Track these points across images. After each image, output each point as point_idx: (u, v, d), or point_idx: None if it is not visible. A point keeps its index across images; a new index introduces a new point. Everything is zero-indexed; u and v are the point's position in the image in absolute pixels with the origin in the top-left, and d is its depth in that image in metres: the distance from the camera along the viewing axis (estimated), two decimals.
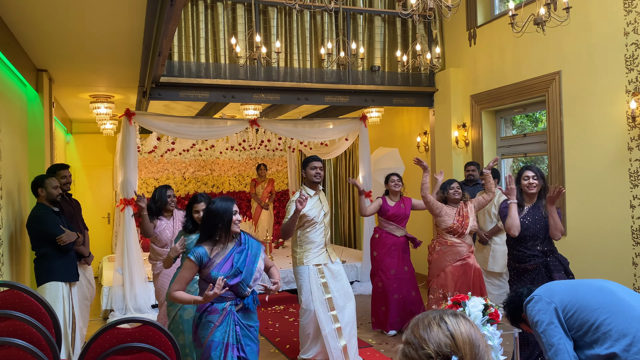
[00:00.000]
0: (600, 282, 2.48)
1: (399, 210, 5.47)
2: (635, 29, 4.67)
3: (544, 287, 2.57)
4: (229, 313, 3.03)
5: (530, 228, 3.87)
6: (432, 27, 7.27)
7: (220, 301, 3.03)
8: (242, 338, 3.04)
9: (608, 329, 2.21)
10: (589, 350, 2.27)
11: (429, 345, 1.14)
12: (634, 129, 4.70)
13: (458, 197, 4.74)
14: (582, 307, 2.33)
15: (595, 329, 2.25)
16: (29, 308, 2.80)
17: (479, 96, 6.63)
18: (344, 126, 7.51)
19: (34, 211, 4.24)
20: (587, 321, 2.29)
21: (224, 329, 3.01)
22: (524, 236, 3.89)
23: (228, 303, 3.04)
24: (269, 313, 6.52)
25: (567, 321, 2.35)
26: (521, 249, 3.91)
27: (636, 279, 4.68)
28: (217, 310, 3.01)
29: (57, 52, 4.91)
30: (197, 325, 3.06)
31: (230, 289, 2.99)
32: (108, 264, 7.92)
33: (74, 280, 4.42)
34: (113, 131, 8.75)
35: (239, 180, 10.58)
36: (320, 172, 4.47)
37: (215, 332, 2.99)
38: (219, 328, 3.00)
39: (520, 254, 3.92)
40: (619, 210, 4.84)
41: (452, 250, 4.70)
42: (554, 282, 2.60)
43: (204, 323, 3.02)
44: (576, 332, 2.33)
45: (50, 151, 6.05)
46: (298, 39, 6.70)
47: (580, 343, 2.33)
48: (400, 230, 5.51)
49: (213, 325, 2.99)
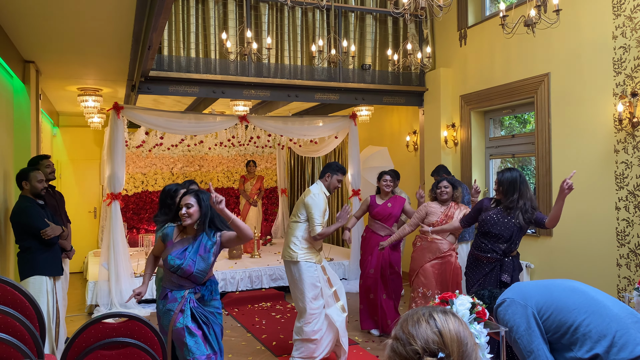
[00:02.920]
0: (570, 282, 2.45)
1: (384, 209, 5.43)
2: (624, 32, 4.72)
3: (514, 288, 2.50)
4: (187, 300, 3.11)
5: (496, 226, 3.96)
6: (423, 26, 7.29)
7: (178, 289, 3.13)
8: (204, 315, 3.15)
9: (587, 330, 2.18)
10: (568, 353, 2.23)
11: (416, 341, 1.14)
12: (621, 131, 4.76)
13: (446, 197, 4.81)
14: (559, 308, 2.29)
15: (574, 331, 2.21)
16: (13, 301, 2.76)
17: (468, 96, 6.67)
18: (333, 124, 7.52)
19: (18, 204, 4.18)
20: (565, 323, 2.25)
21: (185, 315, 3.09)
22: (488, 231, 4.00)
23: (186, 291, 3.13)
24: (255, 310, 6.50)
25: (544, 323, 2.30)
26: (485, 241, 4.04)
27: (620, 280, 4.74)
28: (175, 299, 3.12)
29: (45, 44, 4.84)
30: (160, 314, 3.19)
31: (187, 277, 3.10)
32: (94, 259, 7.84)
33: (58, 275, 4.37)
34: (101, 125, 8.67)
35: (228, 177, 10.53)
36: (339, 186, 4.63)
37: (178, 319, 3.07)
38: (181, 315, 3.08)
39: (483, 245, 4.04)
40: (604, 212, 4.90)
41: (432, 246, 4.79)
42: (522, 283, 2.54)
43: (165, 312, 3.13)
44: (553, 335, 2.28)
45: (37, 144, 5.97)
46: (289, 35, 6.68)
47: (556, 345, 2.28)
48: (386, 230, 5.43)
49: (173, 313, 3.09)
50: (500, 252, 3.98)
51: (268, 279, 7.27)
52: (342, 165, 4.60)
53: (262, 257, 8.08)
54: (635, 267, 4.61)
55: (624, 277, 4.71)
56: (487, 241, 4.01)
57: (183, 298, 3.10)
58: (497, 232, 3.95)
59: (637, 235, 4.60)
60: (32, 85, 5.59)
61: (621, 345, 2.11)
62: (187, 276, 3.10)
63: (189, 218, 3.09)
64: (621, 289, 4.72)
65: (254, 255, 8.09)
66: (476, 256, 4.11)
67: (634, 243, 4.63)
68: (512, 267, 4.01)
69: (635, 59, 4.62)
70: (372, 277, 5.41)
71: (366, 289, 5.47)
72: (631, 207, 4.66)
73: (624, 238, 4.72)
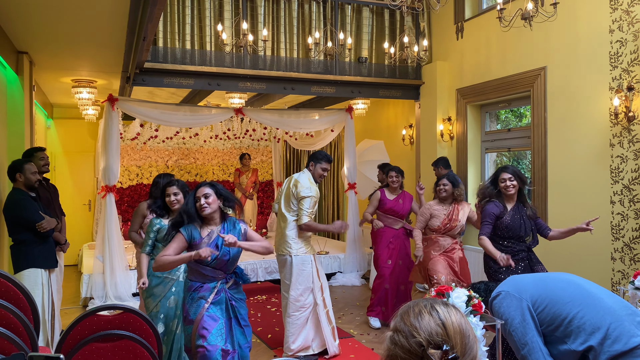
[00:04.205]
0: (565, 275, 2.46)
1: (396, 206, 5.48)
2: (621, 26, 4.72)
3: (509, 282, 2.50)
4: (220, 290, 3.17)
5: (519, 228, 3.99)
6: (420, 19, 7.27)
7: (211, 281, 3.17)
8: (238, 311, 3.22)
9: (582, 323, 2.19)
10: (562, 346, 2.23)
11: (420, 333, 1.13)
12: (616, 125, 4.76)
13: (444, 194, 4.81)
14: (553, 301, 2.29)
15: (568, 323, 2.22)
16: (6, 294, 2.74)
17: (464, 90, 6.66)
18: (329, 117, 7.50)
19: (11, 197, 4.14)
20: (559, 315, 2.25)
21: (219, 306, 3.15)
22: (509, 236, 4.02)
23: (219, 282, 3.18)
24: (251, 303, 6.50)
25: (538, 316, 2.30)
26: (509, 245, 4.04)
27: (614, 273, 4.76)
28: (208, 289, 3.16)
29: (39, 34, 4.79)
30: (188, 304, 3.18)
31: (221, 268, 3.16)
32: (88, 252, 7.81)
33: (53, 267, 4.35)
34: (95, 117, 8.61)
35: (223, 170, 10.50)
36: (326, 175, 4.61)
37: (210, 308, 3.12)
38: (213, 305, 3.13)
39: (508, 250, 4.03)
40: (599, 205, 4.91)
41: (435, 245, 4.87)
42: (518, 276, 2.54)
43: (195, 301, 3.15)
44: (547, 327, 2.29)
45: (31, 136, 5.93)
46: (285, 27, 6.63)
47: (550, 338, 2.29)
48: (399, 223, 5.52)
49: (205, 302, 3.13)
50: (526, 249, 4.06)
51: (263, 272, 7.27)
52: (327, 154, 4.59)
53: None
54: (630, 261, 4.63)
55: (618, 271, 4.73)
56: (512, 244, 4.03)
57: (215, 288, 3.16)
58: (522, 233, 4.01)
59: (632, 229, 4.62)
60: (26, 76, 5.53)
61: (615, 338, 2.12)
62: (222, 267, 3.17)
63: (208, 207, 3.16)
64: (615, 283, 4.74)
65: None
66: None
67: (628, 237, 4.65)
68: (537, 258, 4.11)
69: (632, 53, 4.62)
70: (389, 267, 5.45)
71: (383, 280, 5.48)
72: (626, 201, 4.67)
73: (618, 232, 4.74)
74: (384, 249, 5.49)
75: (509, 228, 4.00)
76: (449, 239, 4.83)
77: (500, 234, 4.06)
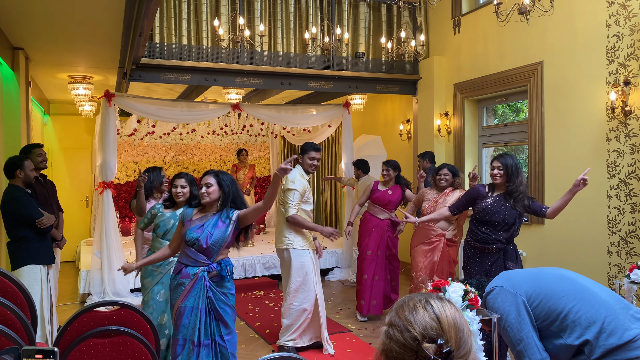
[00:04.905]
0: (558, 269, 2.45)
1: (384, 196, 5.53)
2: (617, 20, 4.72)
3: (503, 277, 2.48)
4: (200, 279, 3.14)
5: (498, 214, 3.91)
6: (417, 14, 7.26)
7: (193, 264, 3.16)
8: (215, 302, 3.16)
9: (577, 317, 2.19)
10: (558, 340, 2.23)
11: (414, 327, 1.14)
12: (613, 120, 4.77)
13: (444, 184, 4.87)
14: (548, 296, 2.28)
15: (564, 317, 2.21)
16: (4, 290, 2.75)
17: (461, 85, 6.66)
18: (327, 112, 7.49)
19: (9, 194, 4.13)
20: (555, 310, 2.24)
21: (196, 294, 3.13)
22: (489, 220, 3.95)
23: (200, 269, 3.16)
24: (249, 298, 6.51)
25: (533, 311, 2.29)
26: (486, 231, 3.96)
27: (610, 267, 4.78)
28: (188, 275, 3.15)
29: (34, 30, 4.77)
30: (171, 287, 3.23)
31: (203, 251, 3.15)
32: (86, 248, 7.81)
33: (51, 263, 4.35)
34: (92, 113, 8.58)
35: (220, 165, 10.49)
36: (317, 164, 4.57)
37: (188, 297, 3.12)
38: (191, 293, 3.12)
39: (485, 236, 3.97)
40: (596, 199, 4.93)
41: (421, 232, 4.95)
42: (512, 271, 2.53)
43: (176, 285, 3.18)
44: (542, 322, 2.28)
45: (27, 132, 5.91)
46: (282, 22, 6.62)
47: (545, 333, 2.28)
48: (385, 214, 5.56)
49: (184, 288, 3.13)
50: (503, 241, 3.95)
51: (261, 267, 7.28)
52: (313, 143, 4.60)
53: (256, 246, 8.08)
54: (626, 255, 4.65)
55: (614, 265, 4.75)
56: (489, 231, 3.94)
57: (196, 276, 3.15)
58: (499, 220, 3.90)
59: (628, 223, 4.63)
60: (22, 72, 5.52)
61: (610, 331, 2.13)
62: (203, 250, 3.16)
63: (207, 196, 3.19)
64: (612, 277, 4.76)
65: (247, 244, 8.09)
66: (478, 248, 4.03)
67: (624, 231, 4.67)
68: (515, 254, 4.02)
69: (629, 47, 4.63)
70: (369, 258, 5.51)
71: (361, 270, 5.56)
72: (622, 195, 4.69)
73: (615, 226, 4.75)
74: (365, 238, 5.55)
75: (486, 212, 3.92)
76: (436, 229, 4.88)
77: (478, 217, 4.01)
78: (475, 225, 4.05)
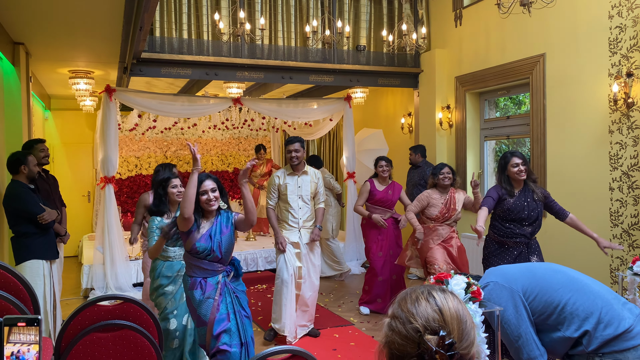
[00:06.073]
0: (549, 264, 2.45)
1: (386, 196, 5.47)
2: (620, 12, 4.69)
3: (495, 272, 2.46)
4: (223, 285, 3.14)
5: (523, 211, 4.00)
6: (418, 6, 7.22)
7: (212, 275, 3.13)
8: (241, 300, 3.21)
9: (574, 309, 2.18)
10: (555, 333, 2.22)
11: (416, 319, 1.13)
12: (615, 112, 4.75)
13: (448, 182, 4.85)
14: (544, 289, 2.27)
15: (561, 310, 2.21)
16: (6, 285, 2.75)
17: (463, 78, 6.63)
18: (328, 106, 7.47)
19: (11, 189, 4.14)
20: (552, 303, 2.23)
21: (224, 300, 3.12)
22: (515, 218, 4.02)
23: (220, 275, 3.15)
24: (251, 292, 6.52)
25: (530, 305, 2.27)
26: (510, 226, 4.04)
27: (613, 259, 4.77)
28: (212, 287, 3.11)
29: (35, 25, 4.76)
30: (196, 305, 3.10)
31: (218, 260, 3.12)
32: (88, 243, 7.83)
33: (54, 258, 4.36)
34: (93, 108, 8.58)
35: (222, 160, 10.49)
36: (296, 154, 4.59)
37: (220, 307, 3.09)
38: (221, 304, 3.10)
39: (508, 231, 4.04)
40: (598, 192, 4.91)
41: (432, 233, 4.92)
42: (503, 266, 2.51)
43: (204, 301, 3.08)
44: (539, 316, 2.27)
45: (28, 127, 5.91)
46: (283, 16, 6.59)
47: (542, 327, 2.27)
48: (387, 213, 5.51)
49: (213, 300, 3.07)
50: (528, 235, 4.03)
51: (263, 261, 7.29)
52: (290, 138, 4.72)
53: (258, 240, 8.09)
54: (629, 247, 4.65)
55: (617, 257, 4.75)
56: (514, 226, 4.03)
57: (219, 284, 3.13)
58: (524, 216, 3.99)
59: (631, 215, 4.62)
60: (23, 67, 5.50)
61: (607, 322, 2.13)
62: (219, 260, 3.12)
63: (216, 202, 3.12)
64: (614, 269, 4.76)
65: (249, 238, 8.09)
66: (501, 242, 4.08)
67: (627, 223, 4.66)
68: (537, 247, 4.10)
69: (631, 39, 4.60)
70: (381, 259, 5.46)
71: (375, 272, 5.50)
72: (625, 187, 4.67)
73: (617, 218, 4.74)
74: (374, 242, 5.50)
75: (511, 210, 4.01)
76: (447, 228, 4.87)
77: (502, 215, 4.08)
78: (500, 222, 4.11)
